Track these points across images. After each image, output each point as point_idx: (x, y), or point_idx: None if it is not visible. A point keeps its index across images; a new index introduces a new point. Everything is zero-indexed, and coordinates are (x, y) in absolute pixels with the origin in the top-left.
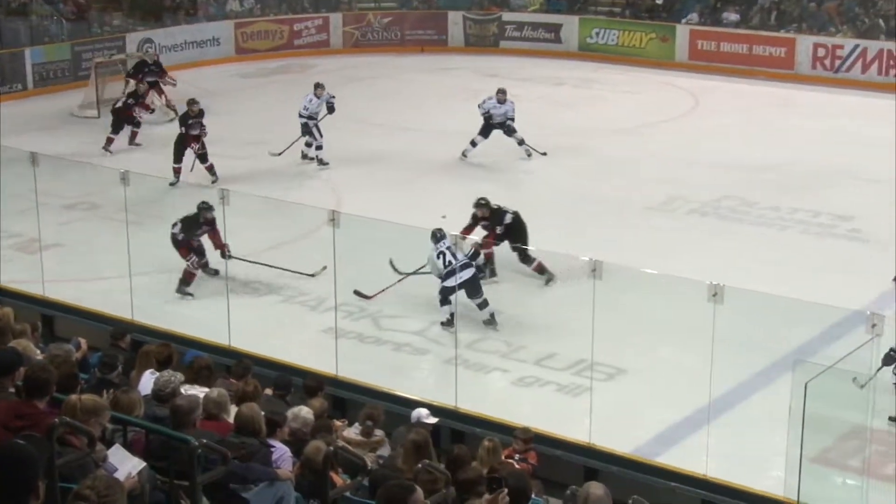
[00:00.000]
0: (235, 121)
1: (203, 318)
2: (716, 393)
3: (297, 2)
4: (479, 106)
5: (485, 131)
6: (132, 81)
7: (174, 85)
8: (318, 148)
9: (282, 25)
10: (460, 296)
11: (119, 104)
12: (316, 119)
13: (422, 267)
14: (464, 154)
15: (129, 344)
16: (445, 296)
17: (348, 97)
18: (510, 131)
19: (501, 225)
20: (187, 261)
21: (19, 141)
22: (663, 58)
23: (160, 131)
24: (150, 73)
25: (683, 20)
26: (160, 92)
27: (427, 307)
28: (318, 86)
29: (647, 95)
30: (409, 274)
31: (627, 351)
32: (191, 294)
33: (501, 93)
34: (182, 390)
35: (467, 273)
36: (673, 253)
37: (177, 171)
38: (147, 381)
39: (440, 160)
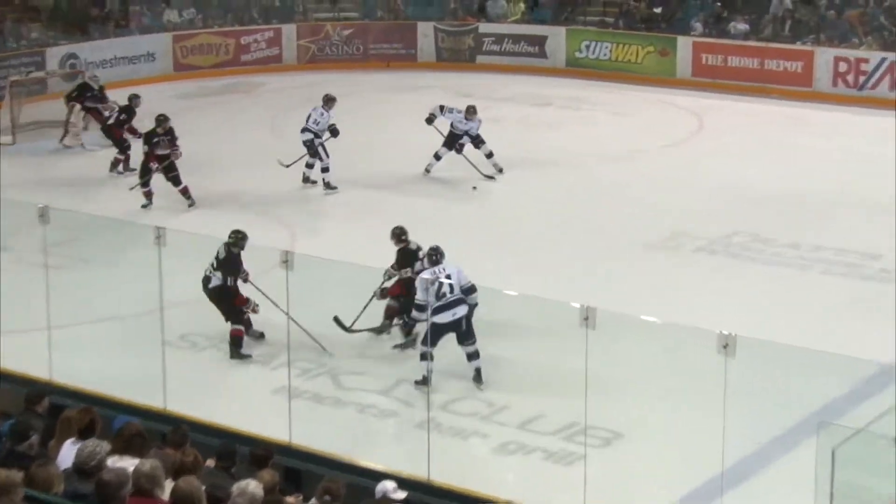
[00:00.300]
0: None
1: (134, 378)
2: (729, 460)
3: (245, 11)
4: (441, 110)
5: (449, 142)
6: (77, 106)
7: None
8: (325, 170)
9: (227, 39)
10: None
11: (111, 120)
12: (321, 138)
13: (388, 324)
14: (427, 169)
15: (46, 409)
16: (434, 338)
17: (303, 120)
18: (479, 142)
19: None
20: (247, 309)
21: None
22: (663, 74)
23: (85, 162)
24: (92, 98)
25: (691, 32)
26: (99, 118)
27: (395, 361)
28: (329, 99)
29: (644, 116)
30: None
31: (626, 412)
32: (249, 355)
33: (471, 111)
34: (109, 462)
35: (462, 310)
36: (677, 297)
37: (147, 195)
38: (68, 453)
39: (407, 188)
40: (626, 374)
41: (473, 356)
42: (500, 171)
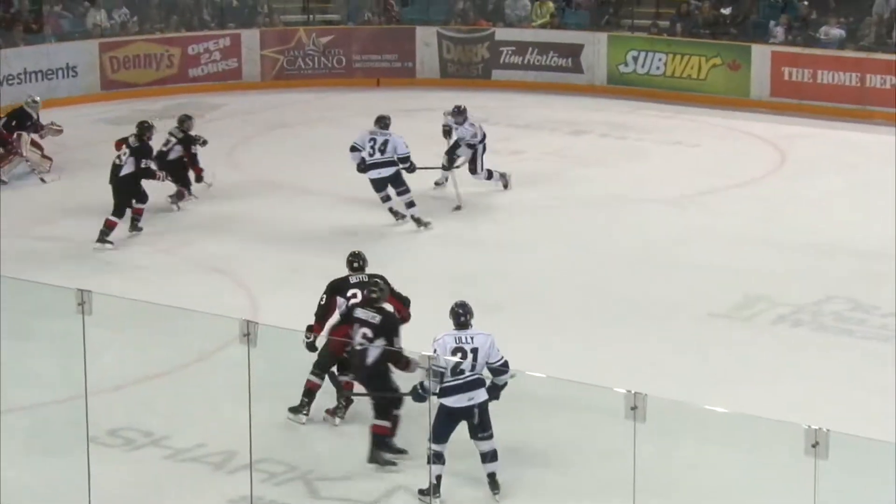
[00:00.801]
0: (98, 187)
1: (49, 486)
2: None
3: (193, 13)
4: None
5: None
6: (24, 136)
7: (60, 132)
8: (409, 204)
9: (170, 47)
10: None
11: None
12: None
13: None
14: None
15: None
16: (444, 429)
17: (271, 151)
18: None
19: None
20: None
21: None
22: (733, 93)
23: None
24: (31, 127)
25: (770, 39)
26: (37, 146)
27: (388, 465)
28: (380, 119)
29: (709, 149)
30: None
31: None
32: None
33: (458, 112)
34: None
35: (481, 395)
36: (751, 381)
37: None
38: None
39: (401, 241)
40: (684, 477)
41: (489, 457)
42: (507, 186)
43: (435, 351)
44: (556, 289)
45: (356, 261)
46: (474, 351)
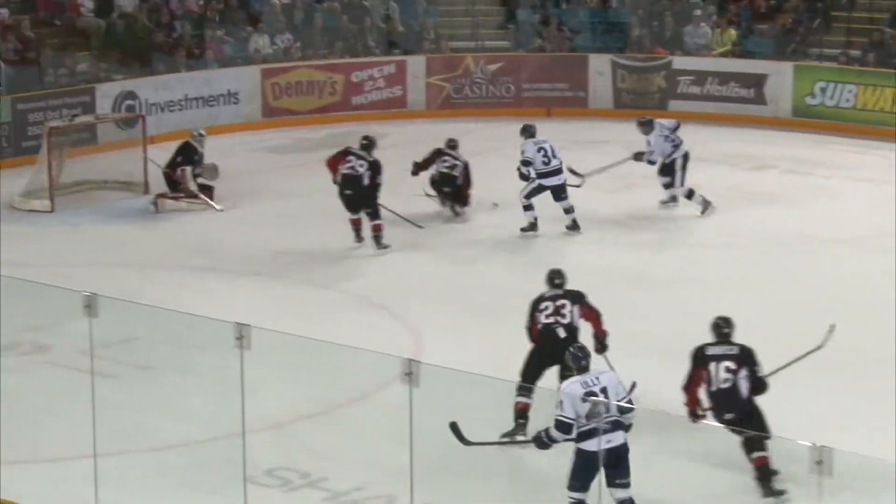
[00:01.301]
0: (259, 220)
1: None
2: None
3: (358, 38)
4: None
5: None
6: (188, 171)
7: (216, 175)
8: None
9: (333, 74)
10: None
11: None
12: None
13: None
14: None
15: None
16: (584, 477)
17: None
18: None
19: None
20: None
21: None
22: None
23: (147, 234)
24: (197, 162)
25: None
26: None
27: None
28: (526, 129)
29: None
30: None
31: None
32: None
33: (645, 123)
34: None
35: (618, 437)
36: None
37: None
38: None
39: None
40: None
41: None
42: (704, 210)
43: (561, 402)
44: (741, 333)
45: (556, 277)
46: (604, 391)
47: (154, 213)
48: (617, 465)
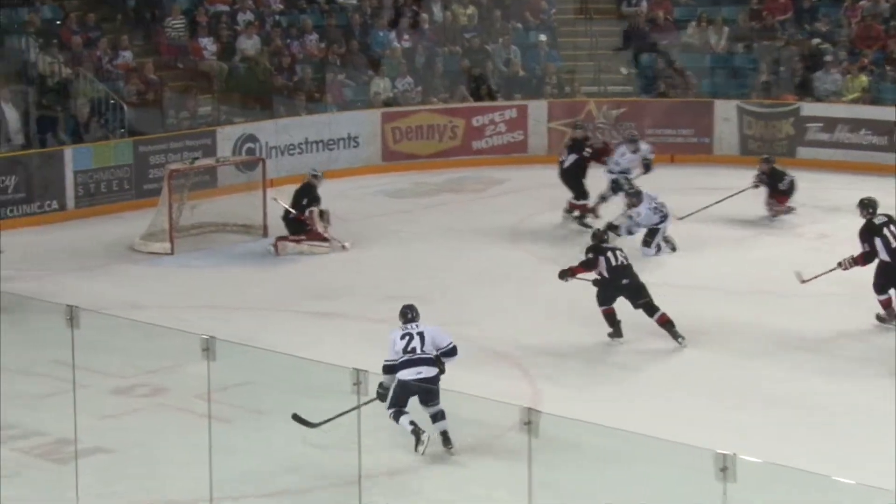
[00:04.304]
0: (377, 264)
1: None
2: None
3: (479, 82)
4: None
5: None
6: (315, 211)
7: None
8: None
9: (454, 118)
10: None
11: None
12: (629, 175)
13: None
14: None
15: None
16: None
17: (556, 229)
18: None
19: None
20: None
21: (50, 288)
22: None
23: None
24: (316, 201)
25: None
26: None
27: None
28: (632, 140)
29: None
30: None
31: None
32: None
33: (632, 141)
34: None
35: (428, 370)
36: None
37: (582, 209)
38: None
39: (700, 332)
40: None
41: (437, 416)
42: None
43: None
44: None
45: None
46: (420, 334)
47: (273, 257)
48: (428, 391)
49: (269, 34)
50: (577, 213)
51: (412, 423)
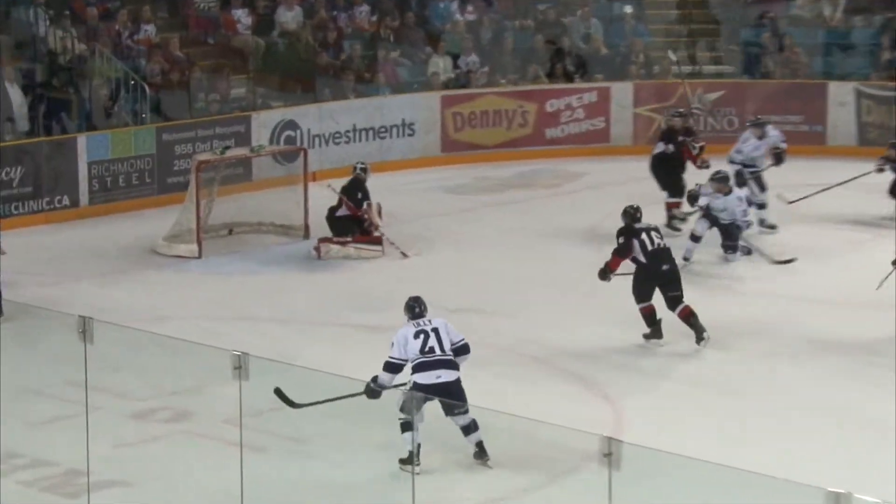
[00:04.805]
0: (435, 272)
1: None
2: None
3: (554, 61)
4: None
5: None
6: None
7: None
8: (761, 206)
9: (524, 103)
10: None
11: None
12: (756, 167)
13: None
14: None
15: None
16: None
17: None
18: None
19: None
20: None
21: (60, 296)
22: None
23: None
24: (365, 197)
25: None
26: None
27: None
28: (757, 123)
29: None
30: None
31: None
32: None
33: (757, 125)
34: None
35: (449, 374)
36: None
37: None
38: None
39: (814, 347)
40: None
41: (469, 429)
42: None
43: (393, 345)
44: None
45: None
46: (435, 331)
47: (316, 261)
48: (449, 398)
49: (312, 5)
50: (676, 212)
51: (418, 445)
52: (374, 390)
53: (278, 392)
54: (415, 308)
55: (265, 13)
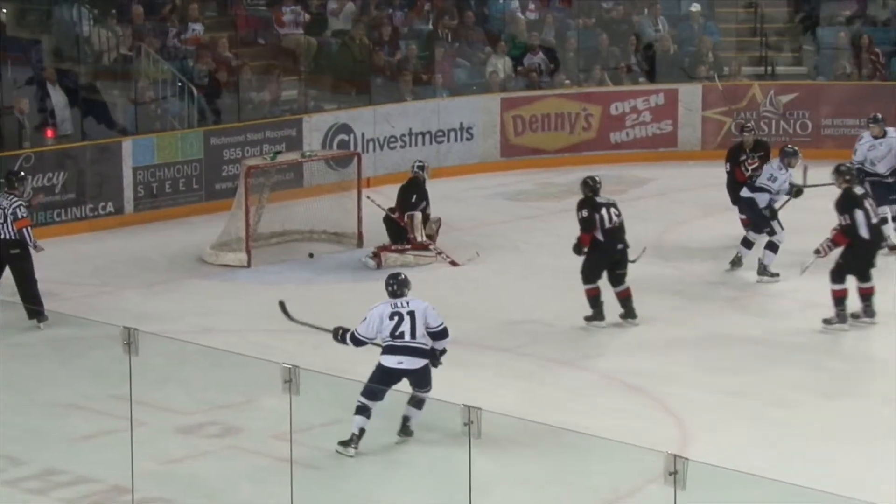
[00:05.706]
0: (495, 282)
1: None
2: None
3: (620, 61)
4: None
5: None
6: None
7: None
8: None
9: (589, 105)
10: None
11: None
12: (879, 175)
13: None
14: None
15: None
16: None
17: (709, 240)
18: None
19: None
20: None
21: (104, 307)
22: None
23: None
24: (425, 199)
25: None
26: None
27: None
28: (788, 153)
29: None
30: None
31: None
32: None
33: (875, 122)
34: None
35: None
36: None
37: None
38: None
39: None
40: None
41: (416, 403)
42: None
43: (364, 320)
44: None
45: None
46: (411, 314)
47: (373, 270)
48: (417, 381)
49: (367, 3)
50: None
51: (361, 430)
52: (339, 338)
53: (282, 305)
54: (391, 286)
55: (318, 11)
